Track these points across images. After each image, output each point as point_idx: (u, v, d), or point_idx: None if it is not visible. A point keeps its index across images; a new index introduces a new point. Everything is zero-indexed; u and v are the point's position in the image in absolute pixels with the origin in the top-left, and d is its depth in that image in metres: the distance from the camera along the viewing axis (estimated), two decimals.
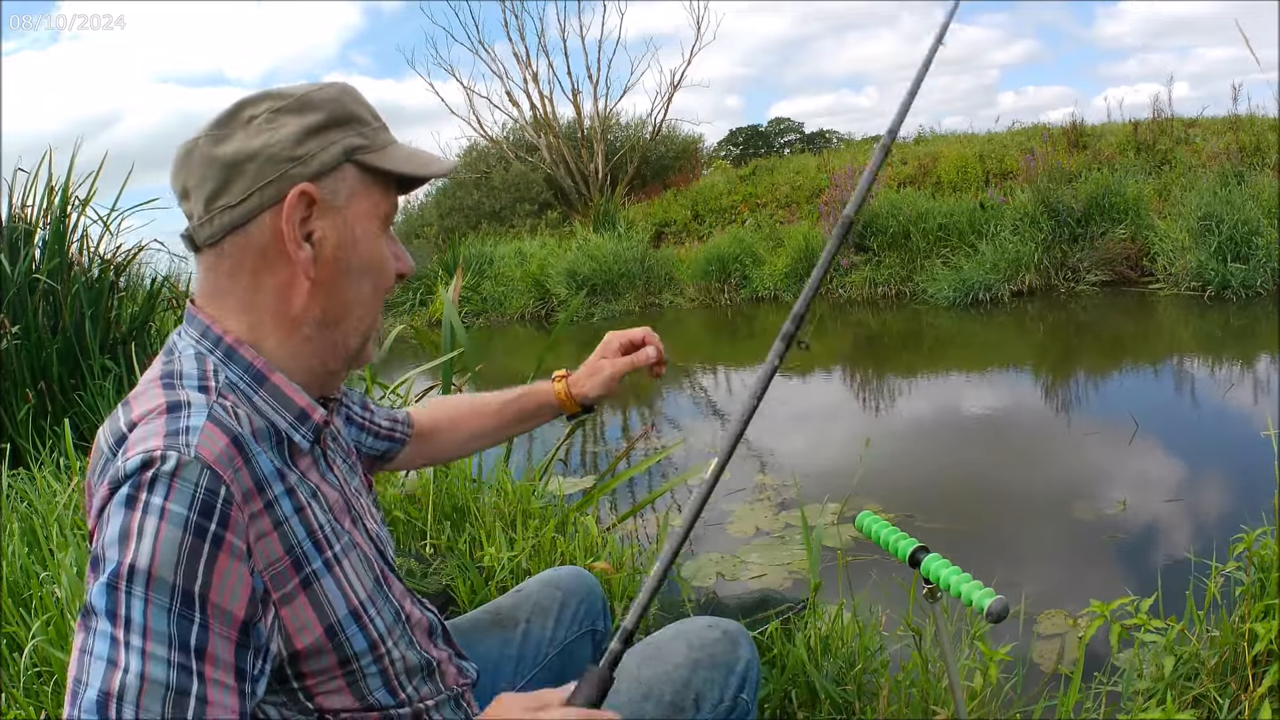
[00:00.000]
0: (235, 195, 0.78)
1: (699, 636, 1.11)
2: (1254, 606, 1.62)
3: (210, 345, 0.81)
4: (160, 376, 0.79)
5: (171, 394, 0.76)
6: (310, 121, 0.79)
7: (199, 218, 0.79)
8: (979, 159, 10.81)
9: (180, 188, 0.81)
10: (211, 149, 0.78)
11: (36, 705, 1.60)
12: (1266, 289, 6.77)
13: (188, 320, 0.83)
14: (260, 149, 0.78)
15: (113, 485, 0.68)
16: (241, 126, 0.78)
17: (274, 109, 0.79)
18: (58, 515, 2.20)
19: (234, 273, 0.80)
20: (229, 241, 0.79)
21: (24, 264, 3.46)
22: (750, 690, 1.09)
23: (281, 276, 0.80)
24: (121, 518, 0.66)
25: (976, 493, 3.72)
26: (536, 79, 15.01)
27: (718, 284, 10.23)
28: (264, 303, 0.81)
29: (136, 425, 0.73)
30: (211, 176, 0.78)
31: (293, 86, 0.82)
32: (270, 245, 0.79)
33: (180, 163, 0.80)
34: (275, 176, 0.78)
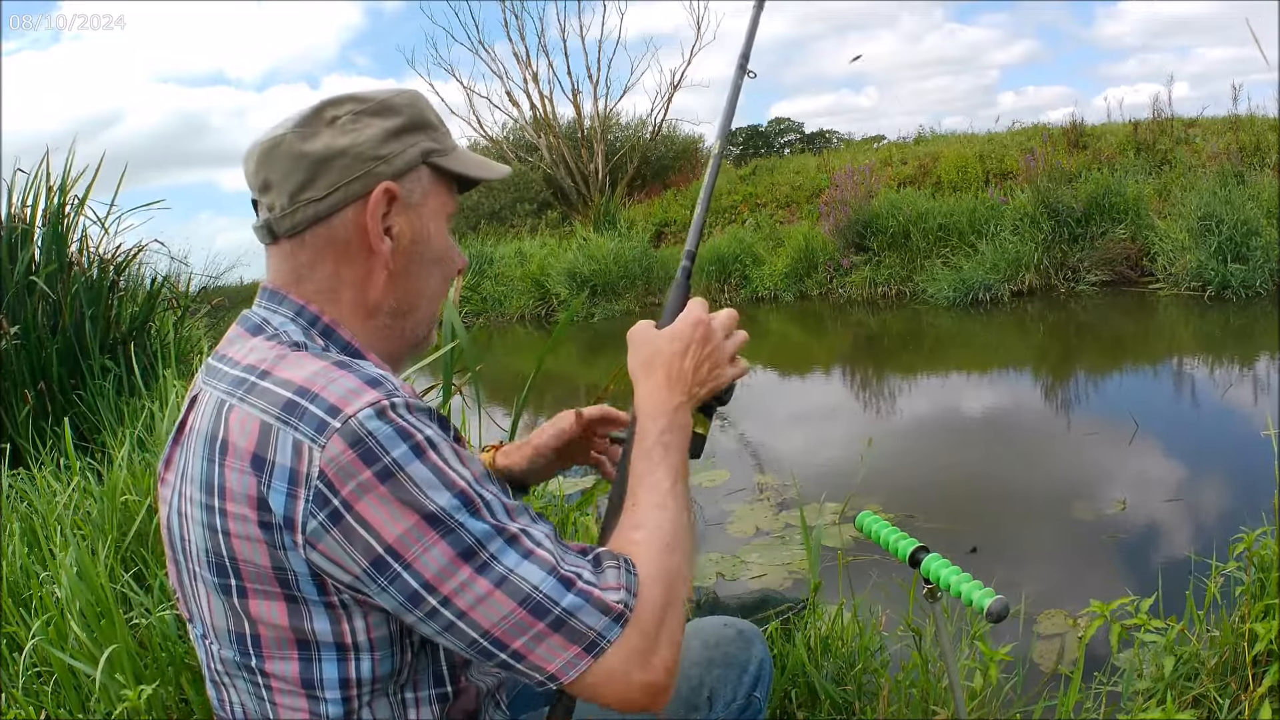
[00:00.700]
0: (321, 189, 0.82)
1: (714, 635, 1.12)
2: (1254, 606, 1.62)
3: (307, 323, 0.84)
4: (286, 345, 0.80)
5: (320, 356, 0.78)
6: (392, 124, 0.84)
7: (282, 209, 0.83)
8: (979, 159, 10.81)
9: (262, 181, 0.84)
10: (299, 145, 0.82)
11: (36, 705, 1.61)
12: (1266, 289, 6.77)
13: (273, 300, 0.85)
14: (347, 147, 0.82)
15: (354, 441, 0.71)
16: (326, 125, 0.83)
17: (356, 111, 0.84)
18: (58, 515, 2.19)
19: (314, 263, 0.84)
20: (310, 233, 0.83)
21: (22, 264, 3.46)
22: (763, 689, 1.11)
23: (361, 268, 0.85)
24: (415, 466, 0.71)
25: (976, 493, 3.72)
26: (536, 79, 15.03)
27: (718, 284, 10.23)
28: (344, 291, 0.85)
29: (307, 389, 0.74)
30: (299, 170, 0.82)
31: (372, 91, 0.87)
32: (352, 238, 0.84)
33: (264, 157, 0.83)
34: (361, 174, 0.82)
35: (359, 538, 0.71)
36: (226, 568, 0.77)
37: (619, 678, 0.75)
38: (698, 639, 1.11)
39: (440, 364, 2.98)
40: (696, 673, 1.07)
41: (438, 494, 0.72)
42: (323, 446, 0.71)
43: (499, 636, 0.73)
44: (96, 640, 1.62)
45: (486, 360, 3.87)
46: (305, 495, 0.71)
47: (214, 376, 0.84)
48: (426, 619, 0.73)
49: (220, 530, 0.76)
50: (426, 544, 0.71)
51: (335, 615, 0.76)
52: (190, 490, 0.80)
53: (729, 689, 1.07)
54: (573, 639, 0.73)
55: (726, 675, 1.08)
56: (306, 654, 0.78)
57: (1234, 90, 11.79)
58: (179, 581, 0.86)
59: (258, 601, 0.77)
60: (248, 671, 0.81)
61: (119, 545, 2.08)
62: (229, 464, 0.75)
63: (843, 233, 9.44)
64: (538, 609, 0.73)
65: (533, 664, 0.74)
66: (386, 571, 0.71)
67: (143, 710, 1.50)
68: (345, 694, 0.78)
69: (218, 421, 0.78)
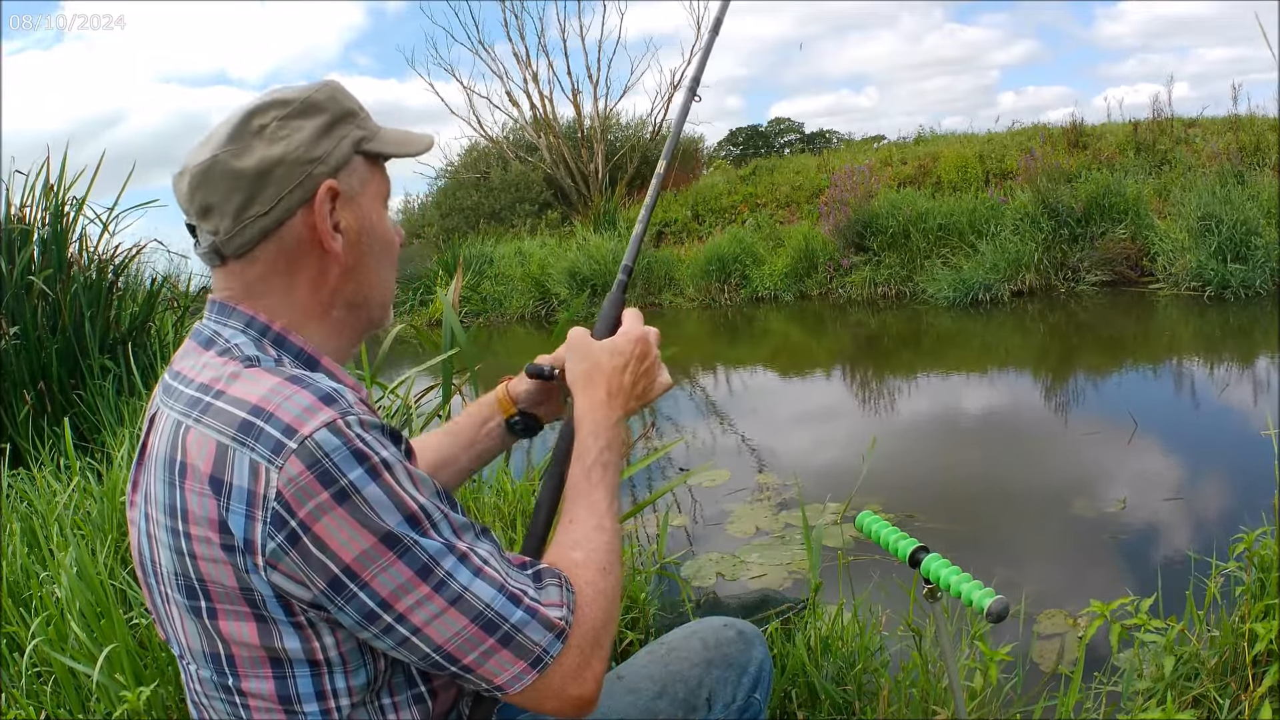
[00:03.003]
0: (266, 202, 0.81)
1: (714, 635, 1.11)
2: (1254, 606, 1.62)
3: (258, 334, 0.83)
4: (239, 360, 0.80)
5: (274, 372, 0.78)
6: (320, 122, 0.84)
7: (228, 231, 0.81)
8: (979, 159, 10.80)
9: (200, 206, 0.81)
10: (233, 163, 0.80)
11: (36, 705, 1.60)
12: (1266, 289, 6.77)
13: (222, 313, 0.84)
14: (283, 155, 0.81)
15: (311, 462, 0.71)
16: (255, 137, 0.81)
17: (281, 116, 0.82)
18: (58, 515, 2.19)
19: (266, 275, 0.83)
20: (261, 248, 0.82)
21: (22, 264, 3.46)
22: (763, 691, 1.10)
23: (314, 269, 0.85)
24: (371, 488, 0.72)
25: (976, 493, 3.72)
26: (536, 79, 15.01)
27: (718, 284, 10.23)
28: (298, 296, 0.85)
29: (261, 409, 0.73)
30: (239, 189, 0.80)
31: (286, 91, 0.85)
32: (303, 242, 0.83)
33: (198, 181, 0.81)
34: (301, 179, 0.82)
35: (315, 559, 0.71)
36: (196, 589, 0.77)
37: (556, 692, 0.79)
38: (698, 639, 1.11)
39: (440, 365, 2.99)
40: (696, 674, 1.06)
41: (392, 515, 0.72)
42: (280, 468, 0.71)
43: (451, 651, 0.75)
44: (96, 640, 1.62)
45: (486, 360, 3.87)
46: (263, 517, 0.71)
47: (170, 396, 0.83)
48: (381, 635, 0.74)
49: (186, 553, 0.76)
50: (383, 564, 0.72)
51: (304, 634, 0.77)
52: (155, 514, 0.79)
53: (728, 690, 1.07)
54: (519, 654, 0.76)
55: (726, 676, 1.08)
56: (280, 671, 0.78)
57: (1234, 90, 11.82)
58: (153, 605, 0.86)
59: (228, 622, 0.77)
60: (225, 691, 0.81)
61: (119, 545, 2.08)
62: (189, 486, 0.75)
63: (843, 233, 9.44)
64: (489, 625, 0.75)
65: (482, 676, 0.77)
66: (344, 591, 0.72)
67: (142, 711, 1.50)
68: (323, 707, 0.79)
69: (175, 444, 0.77)
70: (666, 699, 1.04)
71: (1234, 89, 12.19)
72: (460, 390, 3.07)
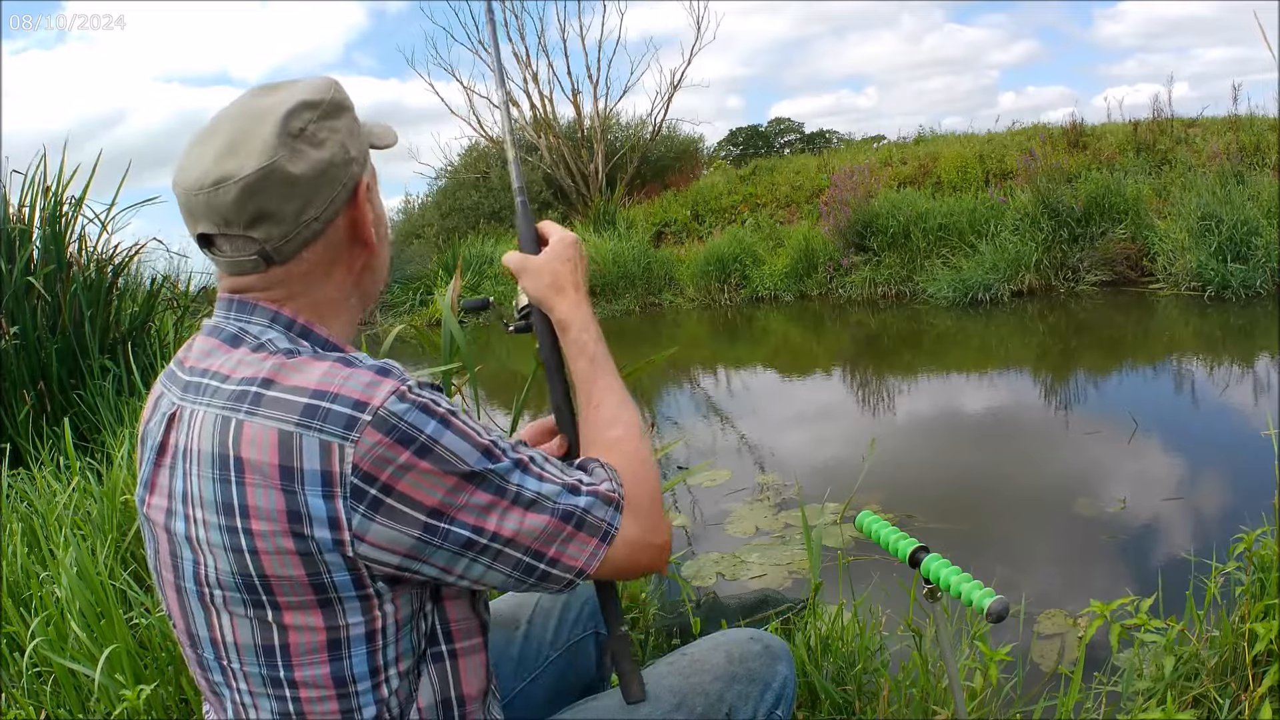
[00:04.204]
0: (320, 206, 0.83)
1: (739, 649, 1.09)
2: (1254, 606, 1.62)
3: (284, 328, 0.85)
4: (280, 353, 0.81)
5: (320, 359, 0.81)
6: (346, 122, 0.87)
7: (283, 236, 0.82)
8: (979, 159, 10.79)
9: (252, 215, 0.80)
10: (289, 169, 0.80)
11: (36, 705, 1.60)
12: (1266, 289, 6.77)
13: (242, 310, 0.85)
14: (330, 158, 0.83)
15: (387, 429, 0.75)
16: (299, 140, 0.81)
17: (315, 117, 0.83)
18: (58, 515, 2.19)
19: (307, 274, 0.85)
20: (310, 249, 0.84)
21: (21, 264, 3.46)
22: (785, 708, 1.07)
23: (347, 265, 0.89)
24: (446, 436, 0.78)
25: (976, 493, 3.72)
26: (536, 79, 14.98)
27: (718, 284, 10.22)
28: (327, 291, 0.87)
29: (323, 391, 0.76)
30: (298, 195, 0.81)
31: (308, 89, 0.85)
32: (344, 240, 0.87)
33: (253, 190, 0.79)
34: (346, 179, 0.85)
35: (404, 514, 0.76)
36: (257, 585, 0.78)
37: (630, 552, 0.88)
38: (722, 652, 1.08)
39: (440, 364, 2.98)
40: (718, 688, 1.04)
41: (470, 454, 0.79)
42: (355, 442, 0.74)
43: (539, 549, 0.83)
44: (96, 640, 1.62)
45: (486, 360, 3.87)
46: (342, 494, 0.75)
47: (199, 393, 0.82)
48: (477, 557, 0.80)
49: (248, 550, 0.77)
50: (467, 496, 0.79)
51: (368, 605, 0.79)
52: (203, 514, 0.79)
53: (750, 706, 1.04)
54: (591, 533, 0.86)
55: (748, 692, 1.05)
56: (337, 654, 0.80)
57: (1234, 90, 11.82)
58: (179, 607, 0.85)
59: (292, 613, 0.78)
60: (274, 685, 0.81)
61: (119, 545, 2.08)
62: (249, 481, 0.76)
63: (843, 233, 9.43)
64: (564, 515, 0.84)
65: (565, 565, 0.85)
66: (437, 532, 0.78)
67: (142, 710, 1.50)
68: (375, 682, 0.82)
69: (225, 439, 0.77)
70: (684, 712, 1.02)
71: (1234, 89, 12.20)
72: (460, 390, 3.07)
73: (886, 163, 11.71)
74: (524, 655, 1.19)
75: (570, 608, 1.24)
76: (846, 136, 19.74)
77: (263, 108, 0.82)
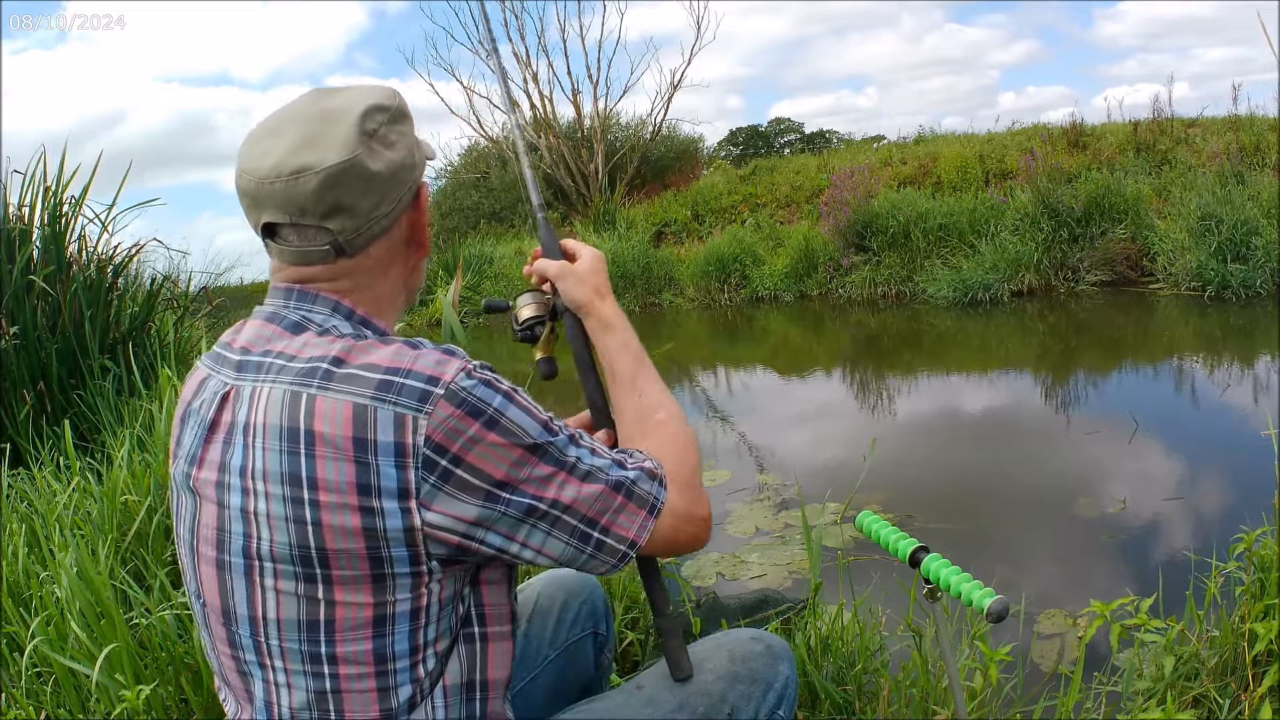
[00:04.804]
0: (390, 203, 0.89)
1: (741, 649, 1.09)
2: (1254, 606, 1.62)
3: (344, 317, 0.89)
4: (347, 337, 0.86)
5: (386, 342, 0.85)
6: (410, 127, 0.92)
7: (354, 230, 0.87)
8: (979, 159, 10.80)
9: (329, 206, 0.85)
10: (369, 165, 0.85)
11: (36, 705, 1.60)
12: (1266, 289, 6.77)
13: (303, 299, 0.89)
14: (402, 160, 0.89)
15: (459, 402, 0.80)
16: (374, 140, 0.87)
17: (386, 120, 0.88)
18: (58, 515, 2.19)
19: (371, 269, 0.90)
20: (375, 245, 0.90)
21: (21, 264, 3.46)
22: (787, 708, 1.08)
23: (402, 263, 0.94)
24: (511, 410, 0.83)
25: (976, 493, 3.72)
26: (536, 79, 14.99)
27: (718, 284, 10.23)
28: (383, 288, 0.93)
29: (396, 368, 0.81)
30: (374, 191, 0.86)
31: (375, 93, 0.90)
32: (403, 239, 0.93)
33: (334, 182, 0.84)
34: (410, 181, 0.91)
35: (471, 484, 0.80)
36: (313, 558, 0.80)
37: (676, 523, 0.93)
38: (724, 651, 1.09)
39: None
40: (720, 688, 1.04)
41: (533, 427, 0.84)
42: (428, 414, 0.79)
43: (594, 516, 0.87)
44: (96, 640, 1.62)
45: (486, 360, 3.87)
46: (414, 464, 0.78)
47: (259, 371, 0.85)
48: (538, 523, 0.85)
49: (311, 521, 0.79)
50: (530, 466, 0.83)
51: (418, 581, 0.82)
52: (265, 486, 0.81)
53: (751, 706, 1.05)
54: (640, 504, 0.90)
55: (750, 692, 1.05)
56: (381, 629, 0.82)
57: (1234, 90, 11.83)
58: (217, 583, 0.86)
59: (344, 589, 0.80)
60: (313, 661, 0.82)
61: (119, 545, 2.09)
62: (319, 453, 0.79)
63: (843, 233, 9.44)
64: (615, 485, 0.89)
65: (618, 535, 0.89)
66: (500, 500, 0.82)
67: (142, 710, 1.50)
68: (413, 661, 0.84)
69: (295, 413, 0.80)
70: (686, 712, 1.02)
71: (1234, 89, 12.21)
72: None
73: (886, 163, 11.72)
74: (523, 655, 1.19)
75: (569, 608, 1.24)
76: (846, 136, 19.77)
77: (333, 108, 0.87)
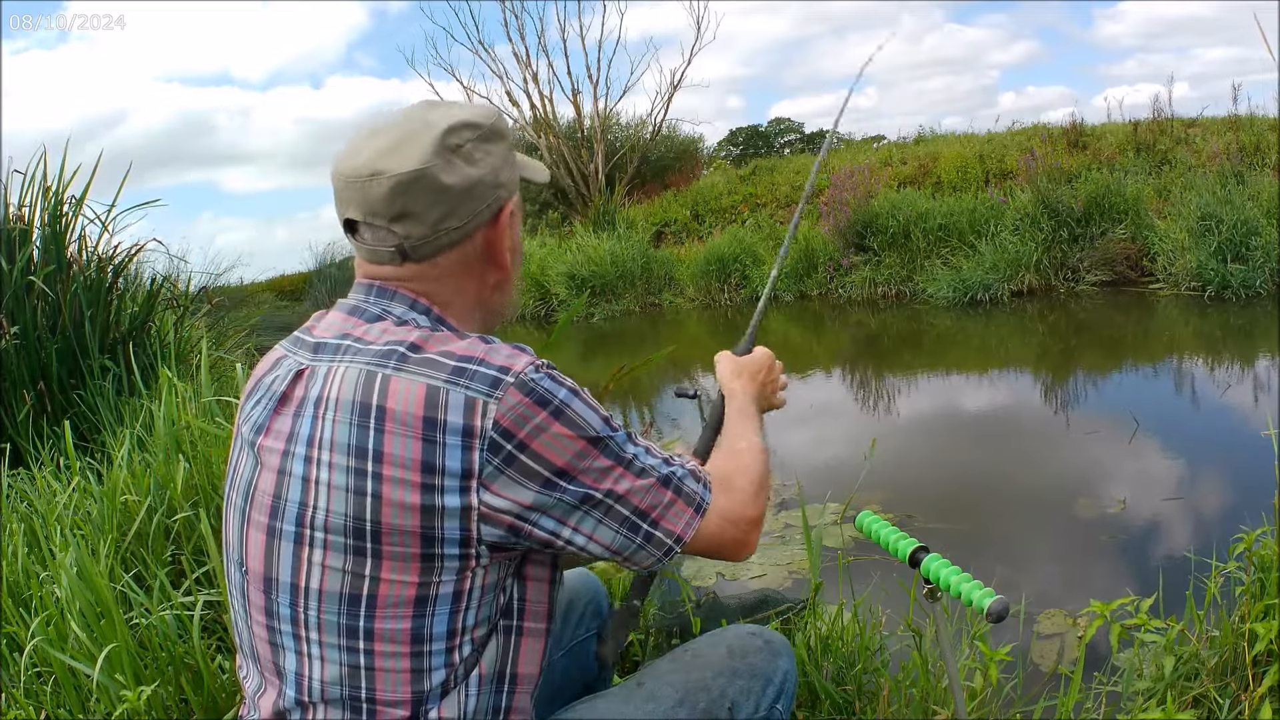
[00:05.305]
0: (462, 217, 0.91)
1: (740, 644, 1.11)
2: (1254, 606, 1.62)
3: (421, 313, 0.92)
4: (424, 328, 0.90)
5: (462, 335, 0.90)
6: (504, 149, 0.95)
7: (421, 238, 0.90)
8: (979, 159, 10.80)
9: (398, 211, 0.89)
10: (441, 178, 0.89)
11: (36, 705, 1.60)
12: (1266, 289, 6.76)
13: (382, 295, 0.93)
14: (481, 177, 0.91)
15: (527, 391, 0.84)
16: (455, 155, 0.90)
17: (474, 138, 0.92)
18: (58, 515, 2.19)
19: (441, 278, 0.93)
20: (445, 256, 0.92)
21: (21, 264, 3.46)
22: (786, 702, 1.09)
23: (479, 279, 0.96)
24: (576, 404, 0.87)
25: (976, 492, 3.72)
26: (536, 79, 14.98)
27: (718, 284, 10.22)
28: (461, 299, 0.95)
29: (470, 357, 0.85)
30: (443, 203, 0.89)
31: (473, 112, 0.94)
32: (479, 254, 0.95)
33: (403, 189, 0.88)
34: (491, 200, 0.93)
35: (532, 470, 0.84)
36: (367, 532, 0.82)
37: (721, 524, 0.96)
38: (724, 647, 1.10)
39: None
40: (720, 683, 1.05)
41: (595, 421, 0.88)
42: (499, 400, 0.83)
43: (645, 509, 0.90)
44: (96, 640, 1.62)
45: None
46: (480, 445, 0.82)
47: (335, 352, 0.89)
48: (590, 511, 0.88)
49: (371, 494, 0.82)
50: (590, 458, 0.87)
51: (465, 564, 0.84)
52: (330, 456, 0.84)
53: (751, 701, 1.06)
54: (688, 502, 0.94)
55: (750, 687, 1.07)
56: (422, 610, 0.84)
57: (1234, 90, 11.82)
58: (265, 550, 0.88)
59: (390, 563, 0.82)
60: (349, 635, 0.84)
61: (119, 545, 2.08)
62: (389, 429, 0.82)
63: (843, 233, 9.43)
64: (665, 480, 0.92)
65: (665, 529, 0.92)
66: (558, 488, 0.85)
67: (142, 710, 1.50)
68: (449, 644, 0.85)
69: (370, 390, 0.84)
70: (687, 707, 1.03)
71: (1234, 89, 12.20)
72: None
73: (886, 163, 11.72)
74: None
75: (574, 608, 1.25)
76: (846, 136, 19.73)
77: (430, 119, 0.91)
